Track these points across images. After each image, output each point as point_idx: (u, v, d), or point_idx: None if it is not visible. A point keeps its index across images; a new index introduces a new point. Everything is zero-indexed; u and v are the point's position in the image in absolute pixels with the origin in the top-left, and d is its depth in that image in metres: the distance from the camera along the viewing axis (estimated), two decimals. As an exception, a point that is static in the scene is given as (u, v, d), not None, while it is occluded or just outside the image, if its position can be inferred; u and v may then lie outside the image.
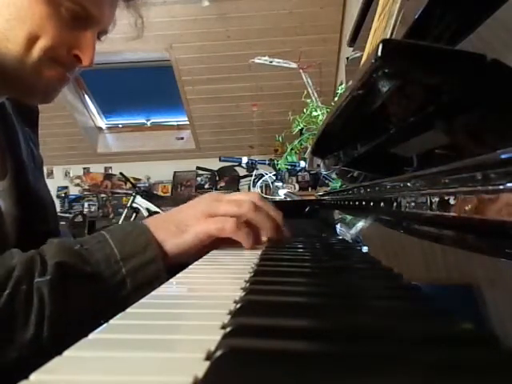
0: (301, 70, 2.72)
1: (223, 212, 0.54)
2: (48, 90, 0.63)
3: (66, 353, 0.19)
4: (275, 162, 2.81)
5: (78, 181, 5.11)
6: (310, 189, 2.95)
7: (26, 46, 0.57)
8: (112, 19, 0.65)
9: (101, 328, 0.23)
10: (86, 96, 4.53)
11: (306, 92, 2.52)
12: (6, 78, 0.59)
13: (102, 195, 4.99)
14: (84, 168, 5.09)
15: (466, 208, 0.26)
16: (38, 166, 0.77)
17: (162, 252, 0.51)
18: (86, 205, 5.01)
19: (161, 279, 0.49)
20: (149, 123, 4.93)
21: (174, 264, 0.51)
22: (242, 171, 3.87)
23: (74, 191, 5.12)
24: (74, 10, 0.58)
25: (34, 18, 0.56)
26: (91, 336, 0.22)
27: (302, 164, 2.53)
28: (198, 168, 4.64)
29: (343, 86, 1.95)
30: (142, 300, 0.30)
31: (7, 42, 0.56)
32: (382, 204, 0.48)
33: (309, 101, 2.38)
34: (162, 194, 4.90)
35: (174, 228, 0.53)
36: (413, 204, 0.37)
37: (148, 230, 0.52)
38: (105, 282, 0.47)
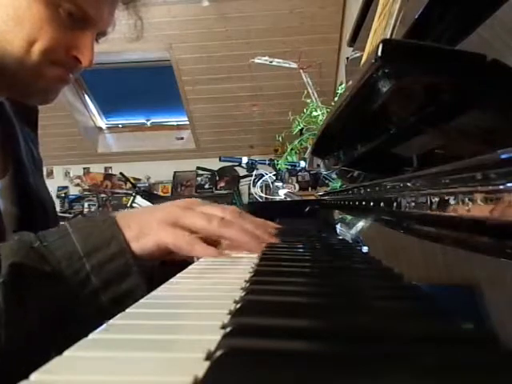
0: (301, 70, 2.72)
1: (190, 223, 0.51)
2: (48, 90, 0.63)
3: (66, 353, 0.20)
4: (275, 162, 2.80)
5: (77, 181, 5.10)
6: (310, 189, 2.95)
7: (25, 48, 0.57)
8: (111, 21, 0.65)
9: (101, 328, 0.23)
10: (85, 96, 4.53)
11: (306, 92, 2.51)
12: (6, 78, 0.59)
13: (102, 195, 4.98)
14: (84, 168, 5.09)
15: (466, 208, 0.26)
16: (38, 166, 0.77)
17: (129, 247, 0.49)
18: (85, 205, 5.01)
19: (131, 274, 0.47)
20: (149, 123, 4.92)
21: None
22: (242, 171, 3.87)
23: (74, 191, 5.11)
24: (72, 11, 0.58)
25: (33, 19, 0.56)
26: (91, 336, 0.22)
27: (302, 164, 2.53)
28: (198, 168, 4.64)
29: (343, 85, 1.95)
30: (142, 300, 0.30)
31: (6, 43, 0.56)
32: (382, 204, 0.48)
33: (309, 101, 2.38)
34: (162, 194, 4.90)
35: (137, 229, 0.50)
36: (413, 204, 0.37)
37: (115, 223, 0.49)
38: (66, 280, 0.45)
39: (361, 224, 0.64)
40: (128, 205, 4.24)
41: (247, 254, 0.53)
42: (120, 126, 4.96)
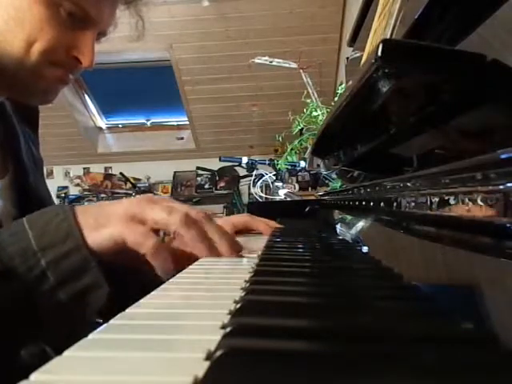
0: (301, 70, 2.72)
1: (151, 218, 0.47)
2: (48, 90, 0.63)
3: (66, 353, 0.20)
4: (275, 162, 2.81)
5: (78, 181, 5.10)
6: (310, 189, 2.96)
7: (24, 49, 0.56)
8: (112, 21, 0.65)
9: (101, 328, 0.23)
10: (86, 96, 4.53)
11: (306, 92, 2.52)
12: (6, 78, 0.59)
13: (102, 195, 4.98)
14: (84, 168, 5.09)
15: (466, 208, 0.26)
16: (38, 166, 0.77)
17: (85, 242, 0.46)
18: (86, 205, 5.01)
19: (90, 269, 0.44)
20: (149, 123, 4.93)
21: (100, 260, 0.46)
22: (242, 171, 3.87)
23: (74, 191, 5.12)
24: (73, 11, 0.58)
25: (33, 19, 0.55)
26: (91, 336, 0.22)
27: (302, 164, 2.53)
28: (198, 168, 4.64)
29: (343, 85, 1.95)
30: (142, 300, 0.30)
31: (6, 43, 0.56)
32: (381, 204, 0.48)
33: (309, 101, 2.38)
34: (162, 194, 4.90)
35: (93, 220, 0.46)
36: (413, 204, 0.37)
37: (72, 217, 0.46)
38: (20, 277, 0.42)
39: (361, 224, 0.64)
40: (128, 205, 4.24)
41: (247, 254, 0.53)
42: (120, 125, 4.97)
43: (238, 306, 0.26)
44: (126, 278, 0.52)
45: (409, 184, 0.39)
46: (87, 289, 0.44)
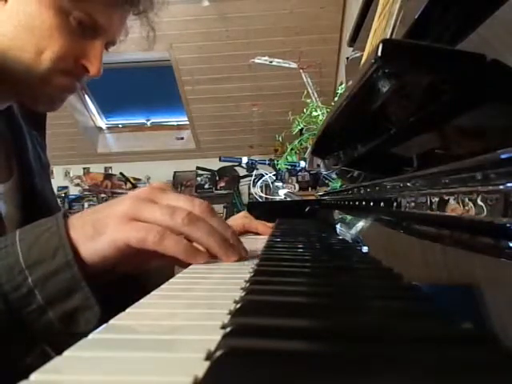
0: (301, 70, 2.72)
1: (150, 218, 0.43)
2: (55, 98, 0.64)
3: (66, 353, 0.20)
4: (275, 162, 2.81)
5: (78, 181, 5.11)
6: (310, 189, 2.96)
7: (34, 56, 0.57)
8: (121, 30, 0.65)
9: (101, 328, 0.24)
10: (86, 96, 4.53)
11: (305, 92, 2.52)
12: (15, 84, 0.60)
13: (102, 195, 4.98)
14: (84, 168, 5.09)
15: (466, 208, 0.26)
16: (45, 169, 0.77)
17: (79, 256, 0.42)
18: (86, 205, 5.01)
19: (79, 289, 0.41)
20: (149, 123, 4.93)
21: (96, 275, 0.43)
22: (242, 171, 3.88)
23: (74, 191, 5.12)
24: (83, 20, 0.58)
25: (43, 27, 0.56)
26: (91, 336, 0.22)
27: (302, 164, 2.53)
28: (198, 168, 4.64)
29: (343, 85, 1.95)
30: (142, 300, 0.30)
31: (16, 50, 0.57)
32: (382, 204, 0.48)
33: (309, 101, 2.38)
34: (162, 194, 4.89)
35: (91, 229, 0.43)
36: (413, 204, 0.37)
37: (64, 229, 0.43)
38: (6, 297, 0.40)
39: (361, 224, 0.64)
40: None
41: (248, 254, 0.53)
42: (120, 125, 4.97)
43: (238, 306, 0.26)
44: (126, 285, 0.50)
45: (409, 184, 0.39)
46: (76, 310, 0.42)
